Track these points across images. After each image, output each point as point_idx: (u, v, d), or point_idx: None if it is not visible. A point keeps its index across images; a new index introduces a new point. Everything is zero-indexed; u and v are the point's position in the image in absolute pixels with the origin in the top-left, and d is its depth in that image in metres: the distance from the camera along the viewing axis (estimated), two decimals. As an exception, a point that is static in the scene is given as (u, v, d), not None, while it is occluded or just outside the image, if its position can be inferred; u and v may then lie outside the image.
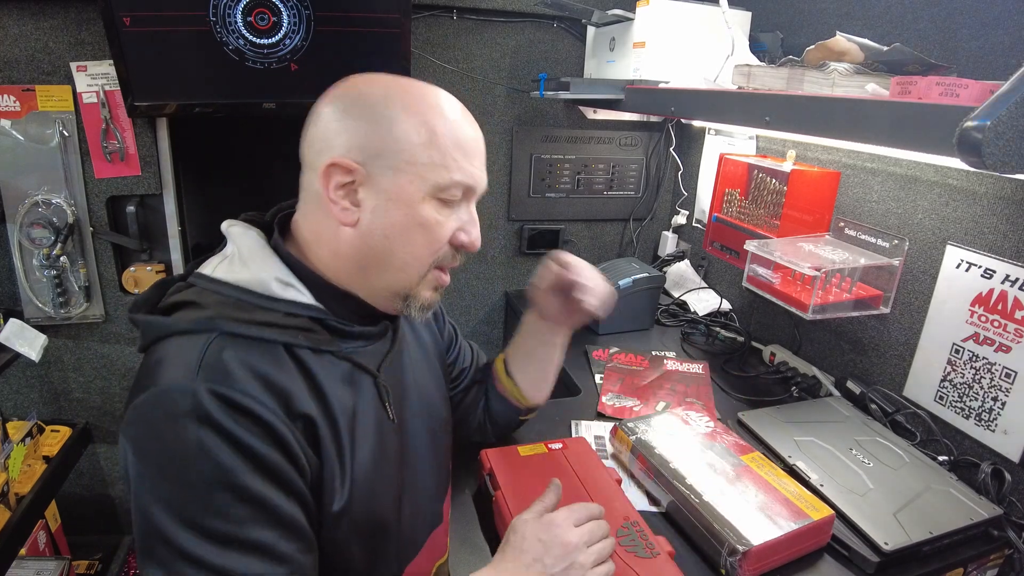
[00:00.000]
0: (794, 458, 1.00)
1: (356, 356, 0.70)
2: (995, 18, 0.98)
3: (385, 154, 0.64)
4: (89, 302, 1.57)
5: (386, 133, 0.64)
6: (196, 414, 0.54)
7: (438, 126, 0.66)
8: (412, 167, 0.65)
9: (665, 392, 1.28)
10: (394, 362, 0.77)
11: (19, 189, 1.46)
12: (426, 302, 0.72)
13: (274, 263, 0.67)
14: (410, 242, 0.67)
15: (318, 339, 0.66)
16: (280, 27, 1.39)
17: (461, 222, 0.70)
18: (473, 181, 0.69)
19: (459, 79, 1.70)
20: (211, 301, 0.63)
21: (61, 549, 1.63)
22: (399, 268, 0.68)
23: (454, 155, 0.66)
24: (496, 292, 1.96)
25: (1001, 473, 0.96)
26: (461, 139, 0.67)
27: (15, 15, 1.35)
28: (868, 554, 0.82)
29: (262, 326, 0.62)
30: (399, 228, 0.66)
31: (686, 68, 1.37)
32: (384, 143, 0.64)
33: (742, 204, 1.39)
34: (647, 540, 0.79)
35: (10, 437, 1.40)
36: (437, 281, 0.72)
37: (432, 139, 0.65)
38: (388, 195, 0.65)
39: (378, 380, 0.72)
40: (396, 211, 0.65)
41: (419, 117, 0.65)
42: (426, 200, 0.66)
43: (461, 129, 0.68)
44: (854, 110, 0.77)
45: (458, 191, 0.68)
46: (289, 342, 0.63)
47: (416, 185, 0.65)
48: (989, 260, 1.01)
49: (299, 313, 0.66)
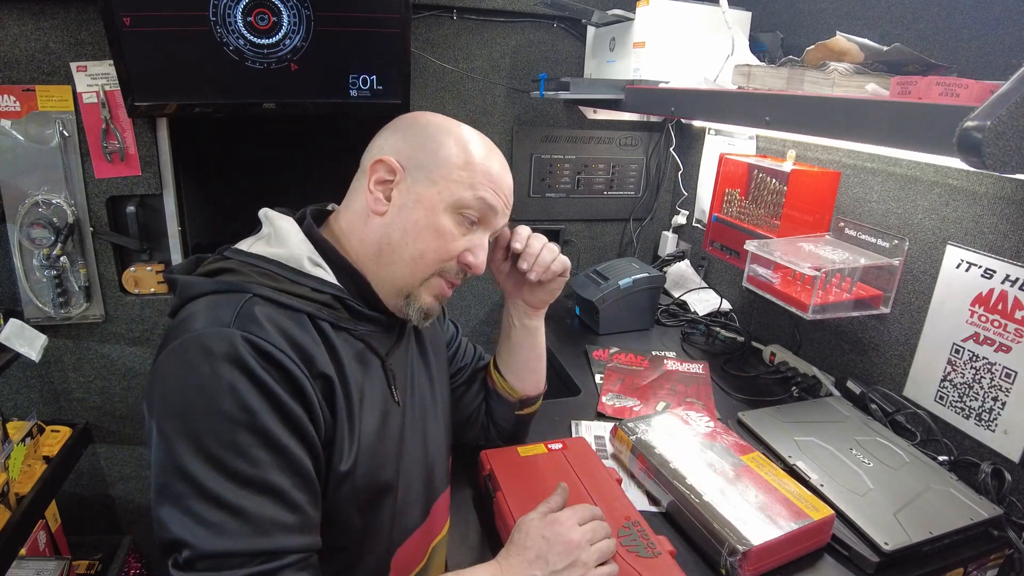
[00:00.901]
0: (794, 458, 1.00)
1: (369, 338, 0.75)
2: (995, 18, 0.98)
3: (426, 167, 0.74)
4: (89, 302, 1.57)
5: (432, 152, 0.75)
6: (230, 356, 0.59)
7: (475, 155, 0.76)
8: (444, 181, 0.74)
9: (665, 392, 1.28)
10: (401, 351, 0.81)
11: (19, 189, 1.46)
12: (426, 306, 0.77)
13: (307, 244, 0.74)
14: (422, 242, 0.74)
15: (338, 315, 0.72)
16: (280, 27, 1.39)
17: (472, 244, 0.77)
18: (494, 204, 0.77)
19: (459, 79, 1.70)
20: (247, 270, 0.69)
21: (61, 549, 1.63)
22: (407, 263, 0.74)
23: (482, 180, 0.76)
24: (496, 292, 1.96)
25: (1001, 473, 0.96)
26: (493, 172, 0.77)
27: (15, 15, 1.35)
28: (868, 554, 0.82)
29: (291, 296, 0.68)
30: (417, 228, 0.74)
31: (686, 68, 1.37)
32: (428, 158, 0.75)
33: (742, 204, 1.39)
34: (648, 540, 0.79)
35: (10, 437, 1.40)
36: (439, 290, 0.78)
37: (468, 163, 0.75)
38: (417, 198, 0.74)
39: (386, 364, 0.77)
40: (419, 213, 0.74)
41: (462, 146, 0.76)
42: (447, 212, 0.74)
43: (494, 164, 0.78)
44: (854, 110, 0.77)
45: (476, 211, 0.76)
46: (313, 314, 0.69)
47: (443, 196, 0.74)
48: (989, 260, 1.01)
49: (324, 290, 0.71)
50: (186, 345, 0.60)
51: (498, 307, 1.97)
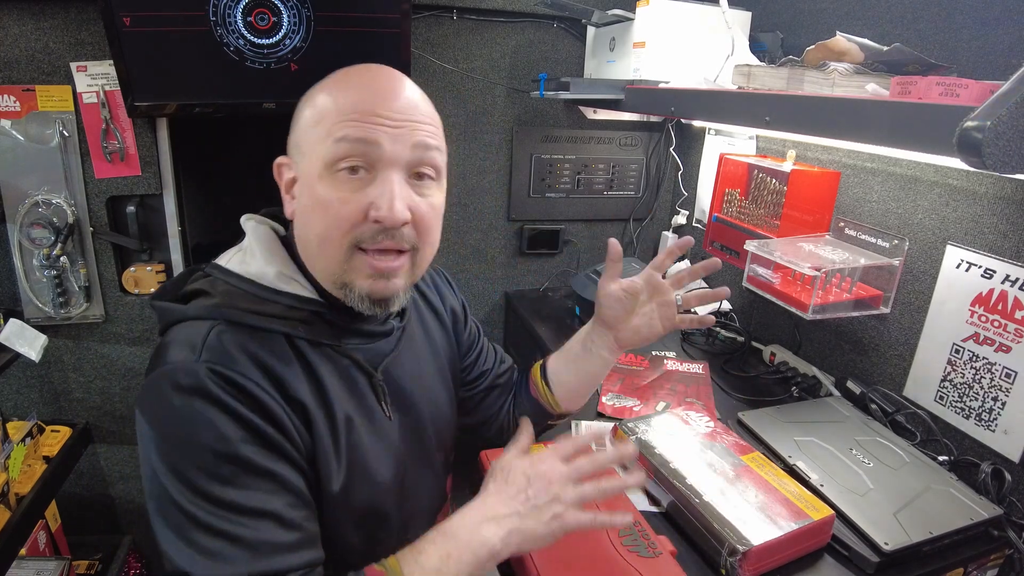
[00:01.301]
0: (794, 458, 1.00)
1: (355, 353, 0.72)
2: (995, 18, 0.98)
3: (297, 145, 0.68)
4: (89, 302, 1.57)
5: (296, 126, 0.68)
6: (199, 389, 0.58)
7: (329, 98, 0.65)
8: (309, 147, 0.66)
9: (665, 392, 1.28)
10: (397, 363, 0.78)
11: (19, 189, 1.46)
12: (365, 290, 0.67)
13: (280, 257, 0.70)
14: (316, 224, 0.66)
15: (317, 332, 0.69)
16: (280, 27, 1.39)
17: (370, 196, 0.64)
18: (363, 135, 0.63)
19: (459, 79, 1.70)
20: (221, 291, 0.67)
21: (61, 549, 1.62)
22: (318, 253, 0.67)
23: (338, 119, 0.63)
24: (496, 292, 1.96)
25: (1001, 473, 0.96)
26: (354, 101, 0.64)
27: (15, 15, 1.35)
28: (868, 554, 0.82)
29: (263, 316, 0.65)
30: (306, 211, 0.67)
31: (686, 68, 1.37)
32: (297, 136, 0.68)
33: (742, 204, 1.39)
34: (649, 540, 0.79)
35: (10, 437, 1.39)
36: (368, 267, 0.66)
37: (320, 112, 0.65)
38: (301, 180, 0.67)
39: (374, 379, 0.74)
40: (304, 195, 0.67)
41: (313, 100, 0.67)
42: (322, 178, 0.64)
43: (354, 92, 0.65)
44: (854, 110, 0.77)
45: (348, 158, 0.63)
46: (289, 333, 0.66)
47: (313, 166, 0.65)
48: (989, 260, 1.01)
49: (300, 307, 0.68)
50: (160, 381, 0.60)
51: (498, 307, 1.97)
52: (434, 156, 0.68)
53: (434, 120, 0.70)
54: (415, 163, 0.66)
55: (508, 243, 1.91)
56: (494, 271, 1.93)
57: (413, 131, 0.66)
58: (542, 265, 1.97)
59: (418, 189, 0.68)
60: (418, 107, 0.68)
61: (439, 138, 0.70)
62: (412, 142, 0.66)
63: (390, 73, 0.69)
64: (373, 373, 0.73)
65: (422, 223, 0.68)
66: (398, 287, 0.69)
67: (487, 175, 1.82)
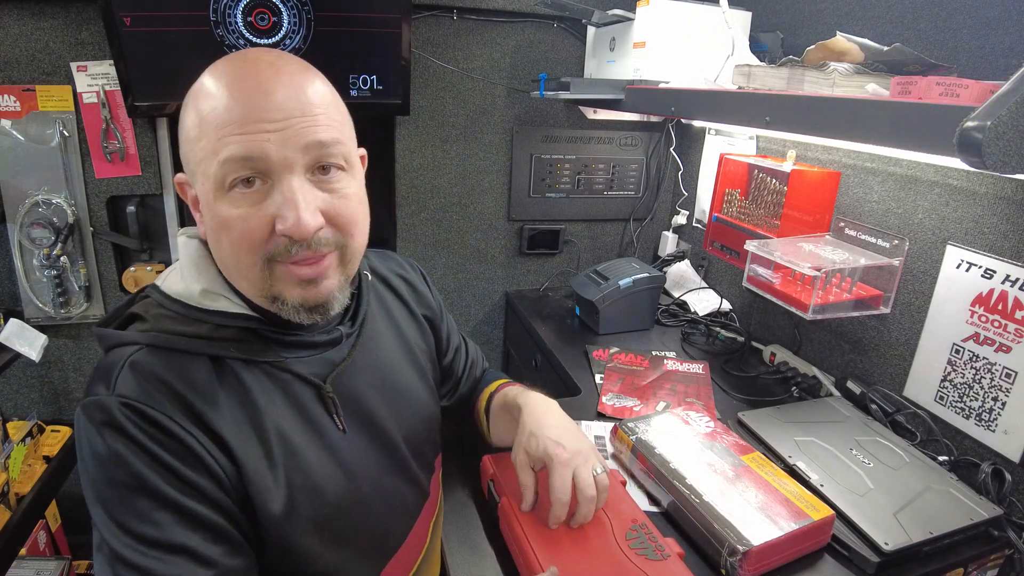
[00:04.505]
0: (794, 458, 1.00)
1: (296, 366, 0.67)
2: (995, 18, 0.98)
3: (186, 159, 0.62)
4: (89, 302, 1.57)
5: (180, 134, 0.62)
6: (112, 424, 0.57)
7: (204, 109, 0.58)
8: (196, 165, 0.60)
9: (665, 392, 1.28)
10: (352, 371, 0.72)
11: (19, 189, 1.46)
12: (297, 301, 0.63)
13: (207, 275, 0.66)
14: (223, 245, 0.61)
15: (249, 349, 0.65)
16: (280, 27, 1.39)
17: (272, 210, 0.59)
18: (248, 151, 0.57)
19: (459, 79, 1.70)
20: (152, 314, 0.65)
21: (61, 549, 1.63)
22: (235, 272, 0.64)
23: (218, 136, 0.57)
24: (496, 292, 1.96)
25: (1001, 473, 0.96)
26: (230, 113, 0.57)
27: (15, 15, 1.35)
28: (868, 554, 0.82)
29: (187, 338, 0.62)
30: (213, 232, 0.62)
31: (686, 68, 1.37)
32: (183, 147, 0.62)
33: (742, 204, 1.39)
34: (656, 542, 0.79)
35: (10, 437, 1.40)
36: (291, 276, 0.62)
37: (199, 126, 0.58)
38: (201, 202, 0.63)
39: (323, 392, 0.69)
40: (207, 216, 0.62)
41: (189, 111, 0.60)
42: (219, 198, 0.59)
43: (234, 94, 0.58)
44: (854, 110, 0.77)
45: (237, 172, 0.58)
46: (216, 354, 0.63)
47: (206, 186, 0.60)
48: (989, 260, 1.01)
49: (229, 324, 0.65)
50: (80, 414, 0.59)
51: (498, 307, 1.98)
52: (333, 151, 0.61)
53: (327, 106, 0.62)
54: (312, 163, 0.60)
55: (508, 243, 1.91)
56: (494, 271, 1.93)
57: (301, 130, 0.59)
58: (542, 265, 1.97)
59: (326, 185, 0.62)
60: (302, 97, 0.60)
61: (338, 126, 0.63)
62: (303, 143, 0.59)
63: (264, 63, 0.60)
64: (321, 385, 0.68)
65: (339, 220, 0.63)
66: (331, 288, 0.64)
67: (487, 175, 1.82)
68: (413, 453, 0.80)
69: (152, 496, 0.57)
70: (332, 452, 0.68)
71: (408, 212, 1.79)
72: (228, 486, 0.61)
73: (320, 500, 0.66)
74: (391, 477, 0.77)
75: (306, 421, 0.67)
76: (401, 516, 0.79)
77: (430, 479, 0.85)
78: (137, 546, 0.56)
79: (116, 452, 0.56)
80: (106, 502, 0.57)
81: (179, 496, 0.57)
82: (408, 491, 0.80)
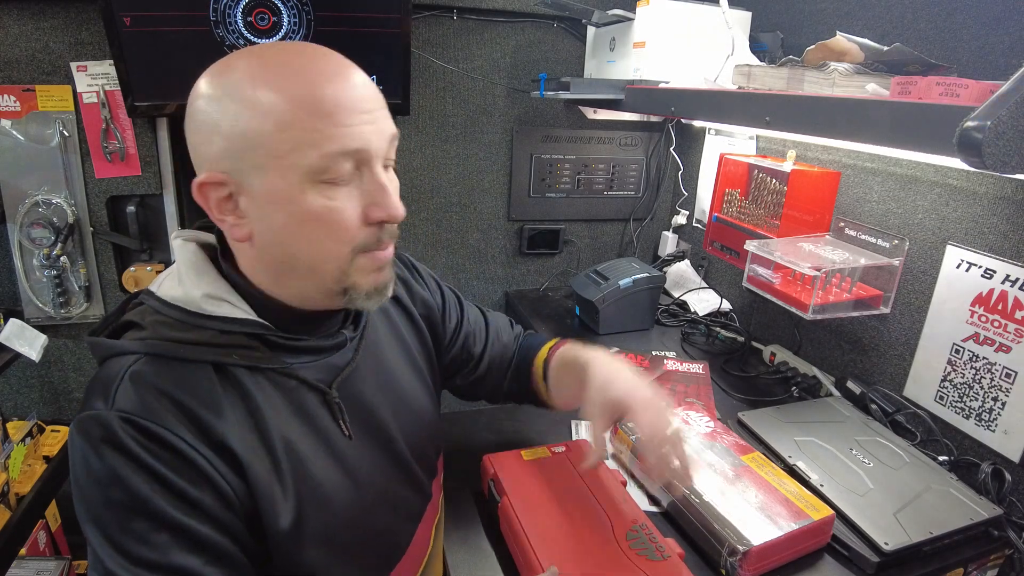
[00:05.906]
0: (794, 458, 1.00)
1: (303, 372, 0.66)
2: (995, 18, 0.98)
3: (243, 157, 0.57)
4: (89, 302, 1.57)
5: (235, 136, 0.57)
6: (110, 441, 0.55)
7: (284, 103, 0.56)
8: (275, 160, 0.57)
9: (665, 392, 1.28)
10: (356, 376, 0.72)
11: (19, 189, 1.46)
12: (372, 286, 0.64)
13: (208, 278, 0.64)
14: (310, 241, 0.60)
15: (256, 356, 0.63)
16: (280, 27, 1.39)
17: (369, 196, 0.60)
18: (357, 143, 0.58)
19: (459, 79, 1.70)
20: (149, 321, 0.62)
21: (61, 549, 1.62)
22: (311, 271, 0.62)
23: (317, 125, 0.56)
24: (496, 292, 1.96)
25: (1001, 473, 0.96)
26: (322, 101, 0.56)
27: (15, 15, 1.35)
28: (868, 554, 0.82)
29: (190, 346, 0.60)
30: (291, 230, 0.59)
31: (686, 68, 1.37)
32: (237, 146, 0.57)
33: (742, 204, 1.39)
34: (657, 543, 0.79)
35: (10, 437, 1.39)
36: (372, 264, 0.63)
37: (283, 119, 0.56)
38: (267, 198, 0.58)
39: (328, 397, 0.68)
40: (280, 213, 0.59)
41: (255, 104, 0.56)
42: (307, 190, 0.58)
43: (319, 89, 0.57)
44: (854, 110, 0.77)
45: (341, 164, 0.58)
46: (220, 361, 0.61)
47: (288, 178, 0.57)
48: (989, 260, 1.01)
49: (234, 330, 0.62)
50: (75, 430, 0.57)
51: (498, 307, 1.97)
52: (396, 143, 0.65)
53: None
54: (387, 154, 0.63)
55: (508, 243, 1.91)
56: (494, 271, 1.93)
57: (385, 121, 0.61)
58: (542, 265, 1.97)
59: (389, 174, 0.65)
60: (372, 89, 0.61)
61: None
62: (389, 134, 0.62)
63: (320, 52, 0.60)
64: (327, 391, 0.67)
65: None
66: (392, 272, 0.68)
67: (487, 175, 1.82)
68: (416, 456, 0.79)
69: (151, 517, 0.55)
70: (339, 460, 0.67)
71: (408, 212, 1.78)
72: (235, 502, 0.59)
73: (328, 511, 0.65)
74: (396, 483, 0.76)
75: (312, 428, 0.66)
76: (406, 522, 0.78)
77: (432, 482, 0.85)
78: (133, 568, 0.54)
79: (114, 471, 0.54)
80: (102, 523, 0.55)
81: (180, 516, 0.55)
82: (412, 496, 0.79)
